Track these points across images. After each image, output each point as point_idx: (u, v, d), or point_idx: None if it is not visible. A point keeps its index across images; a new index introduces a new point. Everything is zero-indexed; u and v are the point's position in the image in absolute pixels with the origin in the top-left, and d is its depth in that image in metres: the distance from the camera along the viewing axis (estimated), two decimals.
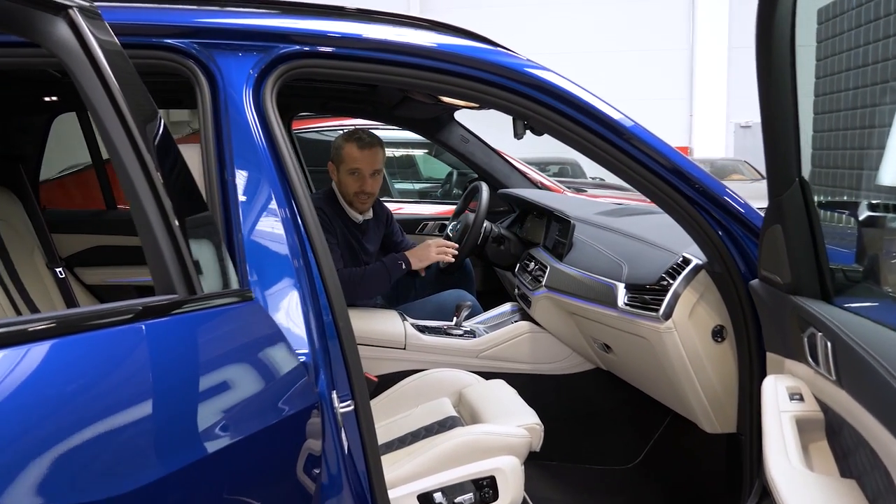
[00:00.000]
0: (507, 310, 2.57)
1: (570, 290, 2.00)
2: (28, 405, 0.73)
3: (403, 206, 4.46)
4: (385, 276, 2.38)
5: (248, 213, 1.32)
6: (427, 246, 2.50)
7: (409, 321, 2.38)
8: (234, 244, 1.30)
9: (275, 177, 1.34)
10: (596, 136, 1.47)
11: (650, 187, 1.48)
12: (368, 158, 2.42)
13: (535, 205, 2.68)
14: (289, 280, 1.30)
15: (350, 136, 2.44)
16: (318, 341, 1.30)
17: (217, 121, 1.36)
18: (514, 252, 2.73)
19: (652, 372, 1.81)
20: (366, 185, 2.43)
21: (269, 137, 1.38)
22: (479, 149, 3.18)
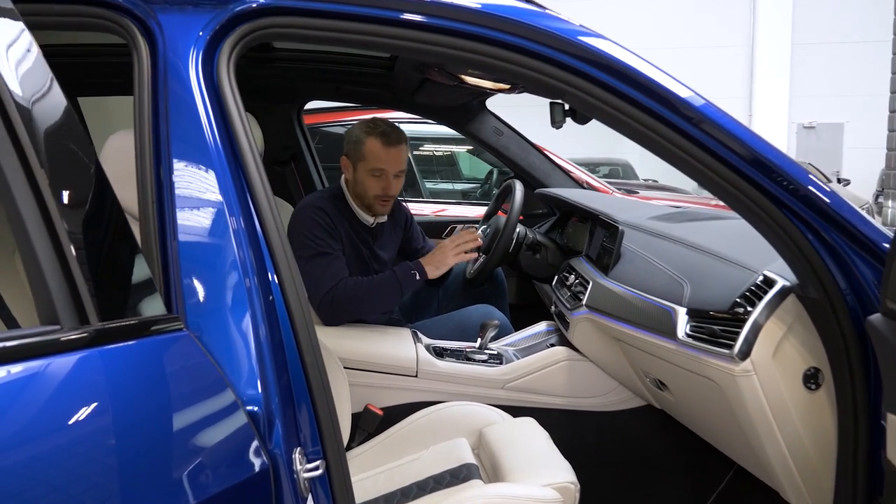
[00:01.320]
0: (542, 330, 2.24)
1: (616, 313, 1.66)
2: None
3: (446, 208, 4.18)
4: (395, 287, 2.07)
5: (189, 217, 1.03)
6: (442, 248, 2.18)
7: (423, 342, 2.07)
8: (168, 257, 1.02)
9: (227, 173, 1.06)
10: (659, 120, 1.14)
11: (723, 184, 1.15)
12: (395, 158, 2.12)
13: (576, 207, 2.34)
14: (239, 303, 1.01)
15: (373, 130, 2.12)
16: (274, 383, 1.00)
17: (154, 97, 1.07)
18: (551, 262, 2.40)
19: (720, 422, 1.46)
20: (390, 188, 2.13)
21: (222, 120, 1.09)
22: (515, 142, 2.85)
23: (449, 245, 2.18)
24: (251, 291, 1.01)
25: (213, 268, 1.02)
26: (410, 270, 2.10)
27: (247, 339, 1.00)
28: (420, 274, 2.11)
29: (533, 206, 2.97)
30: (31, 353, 0.68)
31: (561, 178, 2.90)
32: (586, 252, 2.17)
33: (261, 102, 2.77)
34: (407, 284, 2.09)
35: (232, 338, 1.00)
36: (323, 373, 1.08)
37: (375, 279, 2.07)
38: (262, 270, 1.04)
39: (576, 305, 1.87)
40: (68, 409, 0.71)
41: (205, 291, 1.01)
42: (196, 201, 1.04)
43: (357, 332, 2.03)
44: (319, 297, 2.01)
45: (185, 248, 1.01)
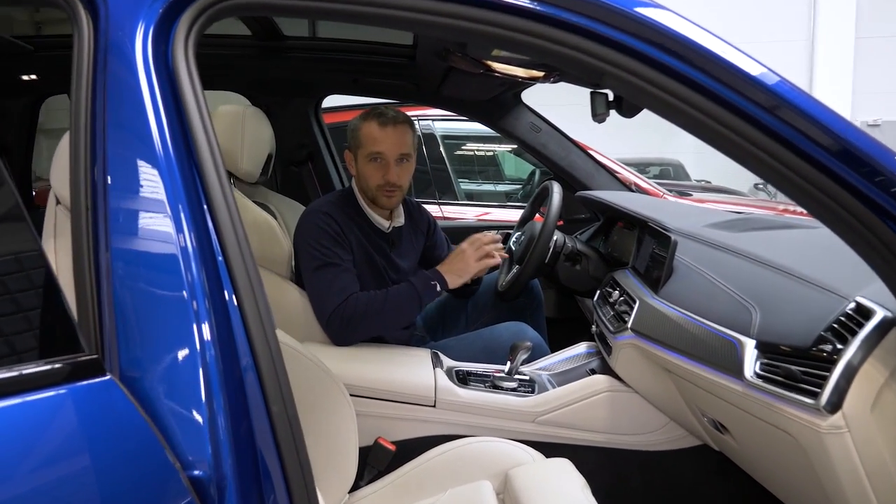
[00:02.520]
0: (581, 352, 2.01)
1: (667, 341, 1.42)
2: None
3: (489, 212, 3.97)
4: (413, 301, 1.86)
5: (125, 230, 0.85)
6: (462, 254, 1.95)
7: (444, 365, 1.86)
8: (99, 277, 0.83)
9: (175, 174, 0.86)
10: (724, 106, 0.92)
11: (804, 185, 0.91)
12: (393, 138, 1.92)
13: (622, 212, 2.10)
14: (184, 336, 0.82)
15: (368, 113, 1.95)
16: (227, 440, 0.81)
17: (94, 84, 0.90)
18: (593, 274, 2.16)
19: (796, 479, 1.22)
20: (390, 174, 1.93)
21: (175, 111, 0.90)
22: (554, 140, 2.62)
23: (468, 249, 1.95)
24: (200, 320, 0.82)
25: (152, 291, 0.83)
26: (430, 281, 1.89)
27: (193, 382, 0.81)
28: (440, 284, 1.90)
29: (573, 211, 2.74)
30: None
31: (605, 180, 2.66)
32: (633, 264, 1.93)
33: (273, 97, 2.61)
34: (426, 296, 1.88)
35: (173, 381, 0.81)
36: (295, 424, 0.88)
37: (390, 292, 1.86)
38: (217, 294, 0.85)
39: (620, 328, 1.64)
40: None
41: (140, 321, 0.82)
42: (134, 208, 0.85)
43: (366, 353, 1.84)
44: (327, 315, 1.82)
45: (118, 266, 0.83)
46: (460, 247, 1.98)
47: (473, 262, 1.93)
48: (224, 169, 0.90)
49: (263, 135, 2.12)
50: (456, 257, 1.96)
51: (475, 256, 1.93)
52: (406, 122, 1.95)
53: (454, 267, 1.94)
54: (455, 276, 1.93)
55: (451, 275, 1.92)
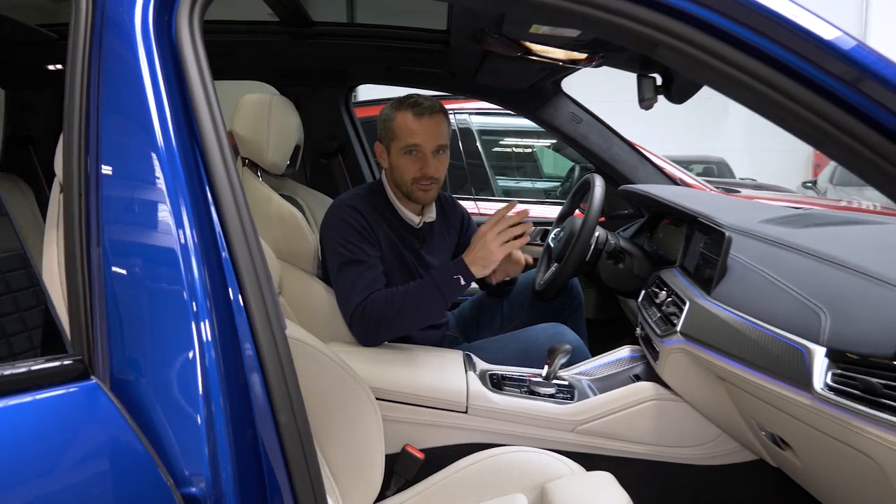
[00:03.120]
0: (625, 356, 1.89)
1: (721, 346, 1.30)
2: None
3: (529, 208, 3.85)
4: (435, 296, 1.72)
5: (119, 222, 0.77)
6: (482, 238, 1.70)
7: (478, 368, 1.76)
8: (90, 272, 0.76)
9: (178, 165, 0.79)
10: (796, 79, 0.81)
11: (891, 171, 0.80)
12: (429, 129, 1.82)
13: (669, 206, 1.98)
14: (183, 339, 0.74)
15: (402, 102, 1.85)
16: (228, 454, 0.73)
17: (88, 61, 0.83)
18: (637, 273, 2.04)
19: (870, 503, 1.09)
20: (427, 167, 1.83)
21: (179, 94, 0.83)
22: (596, 131, 2.50)
23: (489, 233, 1.70)
24: (200, 320, 0.74)
25: (147, 288, 0.75)
26: (452, 274, 1.72)
27: (190, 388, 0.73)
28: (465, 276, 1.72)
29: (616, 206, 2.62)
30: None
31: (650, 173, 2.53)
32: (681, 262, 1.81)
33: (302, 87, 2.54)
34: (450, 290, 1.73)
35: (168, 387, 0.73)
36: (305, 436, 0.79)
37: (410, 288, 1.75)
38: (221, 292, 0.77)
39: (668, 331, 1.52)
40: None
41: (133, 321, 0.74)
42: (129, 198, 0.78)
43: (394, 354, 1.75)
44: (350, 314, 1.75)
45: (111, 261, 0.75)
46: (480, 229, 1.74)
47: (496, 247, 1.69)
48: (232, 157, 0.82)
49: (290, 125, 2.05)
50: (478, 245, 1.72)
51: (497, 241, 1.69)
52: (442, 112, 1.86)
53: (476, 255, 1.71)
54: (479, 266, 1.72)
55: (475, 265, 1.72)
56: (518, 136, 4.99)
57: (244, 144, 2.00)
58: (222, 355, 0.74)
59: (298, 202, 2.24)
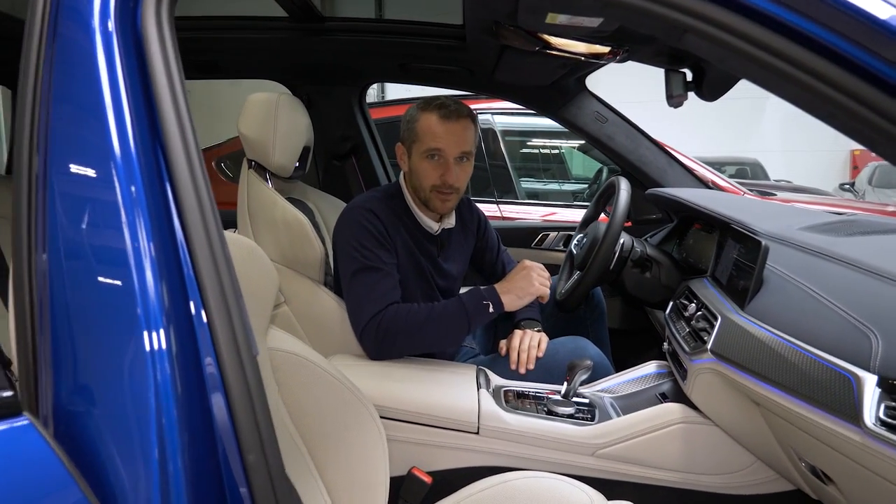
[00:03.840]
0: (651, 373, 1.77)
1: (756, 368, 1.18)
2: None
3: (556, 212, 3.75)
4: (461, 321, 1.68)
5: (65, 229, 0.69)
6: (526, 272, 1.77)
7: (492, 384, 1.66)
8: (32, 287, 0.68)
9: (135, 166, 0.71)
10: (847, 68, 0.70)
11: None
12: (454, 134, 1.72)
13: (699, 211, 1.86)
14: (136, 363, 0.66)
15: (429, 104, 1.76)
16: (188, 502, 0.65)
17: (43, 49, 0.75)
18: (665, 282, 1.93)
19: None
20: (449, 175, 1.74)
21: (142, 89, 0.75)
22: (622, 131, 2.39)
23: (535, 268, 1.78)
24: (156, 343, 0.66)
25: (95, 304, 0.67)
26: (483, 300, 1.70)
27: (142, 424, 0.64)
28: (495, 305, 1.71)
29: (643, 211, 2.50)
30: None
31: (679, 176, 2.41)
32: (712, 272, 1.69)
33: (314, 86, 2.46)
34: (477, 316, 1.69)
35: (115, 423, 0.64)
36: (278, 479, 0.70)
37: (436, 308, 1.68)
38: (181, 310, 0.68)
39: (697, 349, 1.41)
40: None
41: (76, 344, 0.66)
42: (78, 203, 0.69)
43: (401, 369, 1.65)
44: (362, 325, 1.66)
45: (55, 274, 0.67)
46: (525, 263, 1.79)
47: (537, 283, 1.76)
48: (200, 160, 0.73)
49: (298, 125, 1.97)
50: (520, 275, 1.77)
51: (541, 278, 1.77)
52: (469, 117, 1.76)
53: (514, 285, 1.75)
54: (515, 296, 1.74)
55: (509, 295, 1.73)
56: (543, 137, 4.87)
57: (249, 146, 1.92)
58: (181, 385, 0.66)
59: (309, 206, 2.16)
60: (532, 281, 1.75)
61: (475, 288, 1.75)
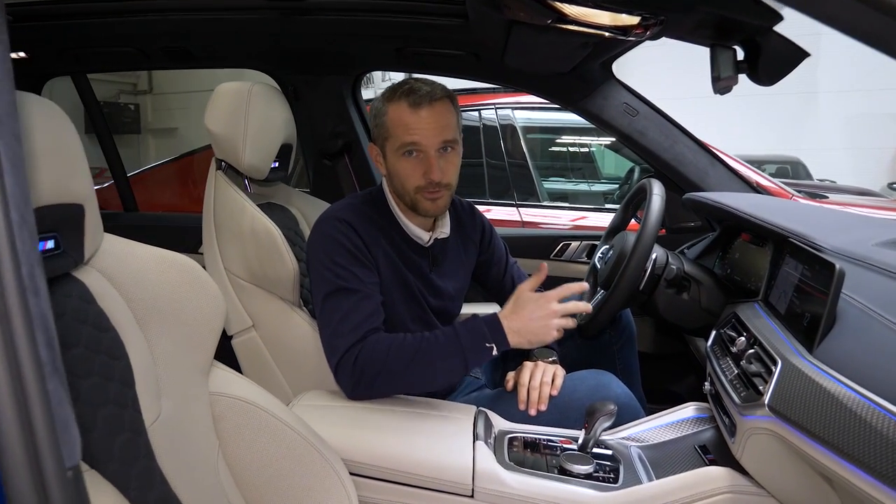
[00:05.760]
0: (688, 418, 1.49)
1: (832, 439, 0.90)
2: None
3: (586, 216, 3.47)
4: (456, 359, 1.38)
5: None
6: (542, 307, 1.41)
7: (493, 431, 1.39)
8: None
9: None
10: None
11: None
12: (431, 122, 1.46)
13: (747, 220, 1.57)
14: None
15: (395, 91, 1.49)
16: None
17: None
18: (706, 305, 1.64)
19: None
20: (432, 170, 1.48)
21: None
22: (656, 126, 2.10)
23: (554, 305, 1.41)
24: None
25: None
26: (483, 339, 1.39)
27: None
28: (499, 344, 1.39)
29: (680, 217, 2.21)
30: None
31: (723, 178, 2.11)
32: (765, 296, 1.40)
33: (301, 75, 2.21)
34: (475, 356, 1.39)
35: None
36: None
37: (424, 344, 1.38)
38: None
39: (750, 401, 1.12)
40: None
41: None
42: None
43: (379, 413, 1.38)
44: (336, 358, 1.40)
45: None
46: (547, 295, 1.42)
47: (554, 327, 1.41)
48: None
49: (274, 119, 1.72)
50: (536, 313, 1.40)
51: (563, 320, 1.42)
52: (446, 97, 1.49)
53: (528, 326, 1.40)
54: (525, 340, 1.41)
55: (519, 336, 1.40)
56: (571, 134, 4.59)
57: (217, 144, 1.69)
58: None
59: (292, 213, 1.92)
60: (550, 326, 1.40)
61: (475, 320, 1.44)
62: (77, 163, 0.85)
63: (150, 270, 1.03)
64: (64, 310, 0.85)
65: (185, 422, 1.04)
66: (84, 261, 0.92)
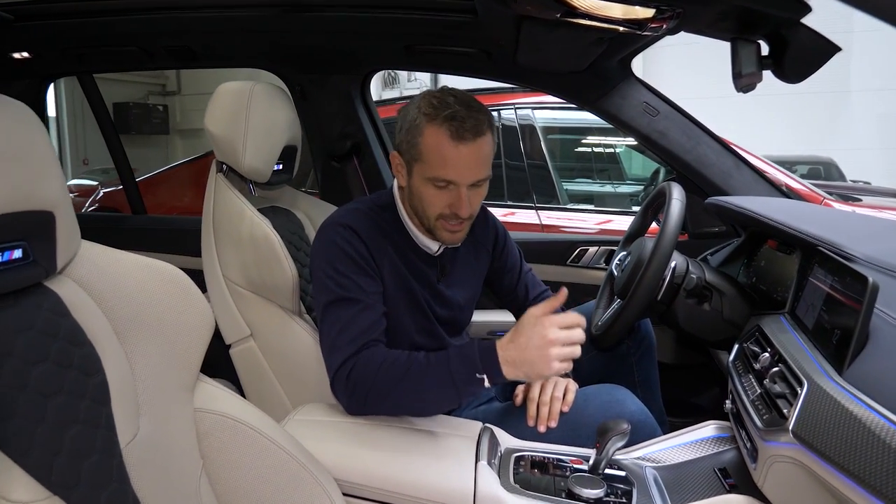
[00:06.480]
0: (708, 437, 1.40)
1: (862, 473, 0.82)
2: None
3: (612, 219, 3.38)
4: (446, 387, 1.27)
5: None
6: (542, 339, 1.24)
7: (498, 449, 1.32)
8: None
9: None
10: None
11: None
12: (470, 159, 1.36)
13: (773, 226, 1.49)
14: None
15: (437, 113, 1.36)
16: None
17: None
18: (728, 317, 1.55)
19: None
20: (461, 206, 1.40)
21: None
22: (677, 126, 2.02)
23: (561, 337, 1.25)
24: None
25: None
26: (474, 369, 1.26)
27: None
28: (491, 376, 1.26)
29: (702, 222, 2.11)
30: None
31: (748, 181, 2.02)
32: (792, 308, 1.32)
33: (308, 74, 2.16)
34: (465, 387, 1.27)
35: None
36: None
37: (416, 362, 1.29)
38: None
39: (773, 425, 1.04)
40: None
41: None
42: None
43: (378, 430, 1.31)
44: (334, 370, 1.34)
45: None
46: (543, 321, 1.26)
47: (555, 361, 1.24)
48: None
49: (276, 120, 1.67)
50: (534, 344, 1.24)
51: (560, 357, 1.25)
52: (488, 131, 1.38)
53: (525, 357, 1.25)
54: (521, 373, 1.26)
55: (515, 369, 1.26)
56: (594, 134, 4.49)
57: (218, 145, 1.64)
58: None
59: (297, 217, 1.87)
60: (548, 357, 1.24)
61: (470, 346, 1.30)
62: (46, 168, 0.80)
63: (132, 280, 0.98)
64: (32, 323, 0.80)
65: (166, 441, 0.98)
66: (57, 270, 0.87)
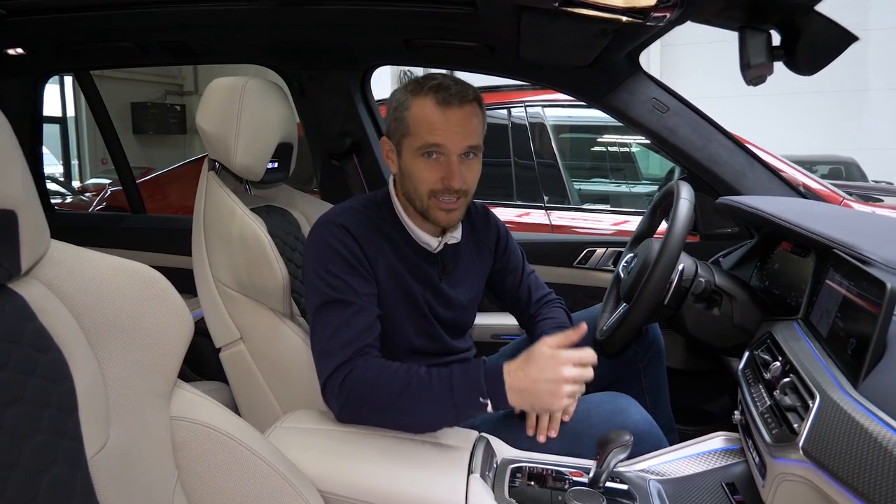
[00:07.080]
0: (716, 449, 1.34)
1: (870, 493, 0.75)
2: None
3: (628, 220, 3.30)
4: (447, 407, 1.22)
5: None
6: (553, 370, 1.20)
7: (496, 458, 1.26)
8: None
9: None
10: None
11: None
12: (458, 124, 1.34)
13: (787, 227, 1.42)
14: None
15: (422, 85, 1.37)
16: None
17: None
18: (739, 322, 1.49)
19: None
20: (452, 177, 1.36)
21: None
22: (688, 123, 1.95)
23: (573, 373, 1.21)
24: None
25: None
26: (478, 392, 1.21)
27: None
28: (495, 401, 1.21)
29: (714, 223, 2.05)
30: None
31: (762, 180, 1.95)
32: (805, 314, 1.25)
33: (306, 70, 2.11)
34: (466, 409, 1.22)
35: None
36: None
37: (417, 378, 1.23)
38: None
39: (783, 440, 0.97)
40: None
41: None
42: None
43: (368, 438, 1.26)
44: (325, 377, 1.29)
45: None
46: (560, 357, 1.21)
47: (565, 395, 1.20)
48: None
49: (270, 116, 1.62)
50: (544, 376, 1.20)
51: (569, 393, 1.20)
52: (475, 101, 1.38)
53: (533, 388, 1.20)
54: (527, 404, 1.22)
55: (521, 397, 1.21)
56: (608, 132, 4.41)
57: (209, 143, 1.60)
58: None
59: (294, 216, 1.82)
60: (559, 394, 1.19)
61: (476, 367, 1.25)
62: (6, 164, 0.75)
63: (106, 282, 0.93)
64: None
65: (138, 450, 0.93)
66: (22, 272, 0.82)
